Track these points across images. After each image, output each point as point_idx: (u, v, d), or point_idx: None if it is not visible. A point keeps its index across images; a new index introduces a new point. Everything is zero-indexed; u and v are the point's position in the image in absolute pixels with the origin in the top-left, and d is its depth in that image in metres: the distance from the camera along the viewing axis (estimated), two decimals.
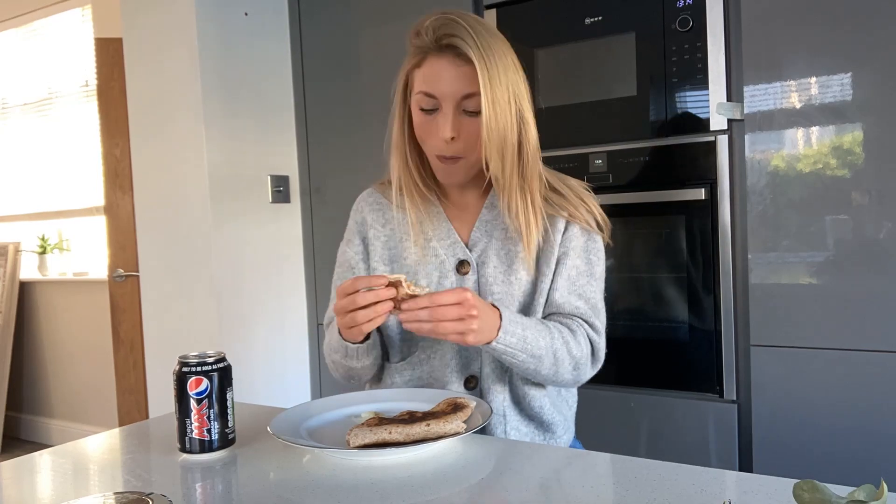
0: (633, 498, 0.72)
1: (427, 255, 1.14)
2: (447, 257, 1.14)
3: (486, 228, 1.15)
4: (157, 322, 2.33)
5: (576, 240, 1.14)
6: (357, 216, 1.22)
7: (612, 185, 1.80)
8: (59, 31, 3.70)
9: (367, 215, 1.21)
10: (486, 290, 1.12)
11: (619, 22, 1.78)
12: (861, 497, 0.52)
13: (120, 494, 0.73)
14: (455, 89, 1.03)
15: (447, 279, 1.13)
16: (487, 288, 1.12)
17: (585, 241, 1.15)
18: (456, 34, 1.01)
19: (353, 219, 1.23)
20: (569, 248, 1.13)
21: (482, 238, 1.15)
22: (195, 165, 2.18)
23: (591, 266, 1.15)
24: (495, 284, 1.12)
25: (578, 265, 1.13)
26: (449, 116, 1.04)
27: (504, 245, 1.14)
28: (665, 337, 1.76)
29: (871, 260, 1.48)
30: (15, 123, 3.97)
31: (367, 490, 0.77)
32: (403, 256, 1.16)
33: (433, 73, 1.04)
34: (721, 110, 1.65)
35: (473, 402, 0.98)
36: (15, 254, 3.78)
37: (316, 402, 1.05)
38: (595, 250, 1.16)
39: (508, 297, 1.12)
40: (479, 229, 1.15)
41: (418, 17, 1.07)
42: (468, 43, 1.00)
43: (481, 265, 1.13)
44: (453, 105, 1.04)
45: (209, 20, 2.17)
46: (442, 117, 1.05)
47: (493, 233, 1.14)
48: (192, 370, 0.92)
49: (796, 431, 1.56)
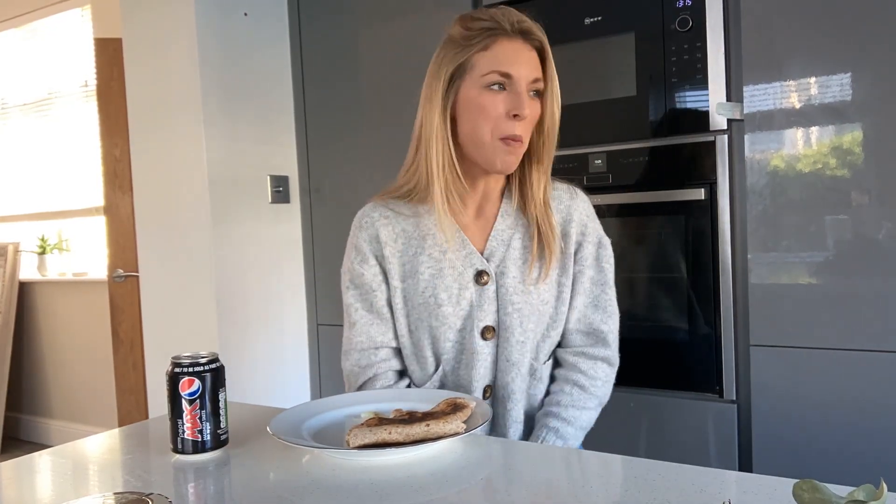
0: (633, 498, 0.72)
1: (444, 268, 1.12)
2: (465, 269, 1.12)
3: (503, 238, 1.14)
4: (157, 322, 2.33)
5: (589, 249, 1.17)
6: (367, 232, 1.16)
7: (612, 186, 1.80)
8: (59, 31, 3.70)
9: (379, 231, 1.15)
10: (506, 300, 1.12)
11: (619, 22, 1.78)
12: (860, 497, 0.52)
13: (120, 495, 0.73)
14: (530, 71, 1.07)
15: (467, 290, 1.12)
16: (508, 298, 1.12)
17: (597, 249, 1.18)
18: (527, 20, 1.09)
19: (361, 236, 1.16)
20: (584, 266, 1.17)
21: (499, 247, 1.13)
22: (195, 166, 2.18)
23: (603, 274, 1.18)
24: (515, 294, 1.12)
25: (593, 276, 1.18)
26: (524, 94, 1.06)
27: (522, 254, 1.13)
28: (665, 337, 1.76)
29: (871, 260, 1.48)
30: (15, 123, 3.97)
31: (367, 490, 0.77)
32: (419, 271, 1.12)
33: (510, 53, 1.07)
34: (721, 110, 1.65)
35: (473, 402, 0.98)
36: (14, 254, 3.78)
37: (316, 402, 1.05)
38: (606, 257, 1.19)
39: (528, 307, 1.12)
40: (495, 238, 1.14)
41: (418, 17, 1.08)
42: (537, 30, 1.09)
43: (500, 275, 1.12)
44: (526, 86, 1.07)
45: (209, 20, 2.17)
46: (516, 95, 1.06)
47: (510, 242, 1.13)
48: (184, 371, 0.92)
49: (796, 431, 1.56)
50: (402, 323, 1.15)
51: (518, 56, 1.07)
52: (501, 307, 1.12)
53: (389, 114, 2.18)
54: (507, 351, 1.12)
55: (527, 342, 1.13)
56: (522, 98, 1.06)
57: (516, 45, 1.07)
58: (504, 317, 1.12)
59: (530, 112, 1.07)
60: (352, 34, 2.26)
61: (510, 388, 1.12)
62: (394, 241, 1.14)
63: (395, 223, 1.15)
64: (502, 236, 1.14)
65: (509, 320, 1.11)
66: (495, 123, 1.07)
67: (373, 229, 1.15)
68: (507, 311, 1.11)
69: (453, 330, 1.12)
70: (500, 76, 1.06)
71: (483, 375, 1.13)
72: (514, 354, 1.12)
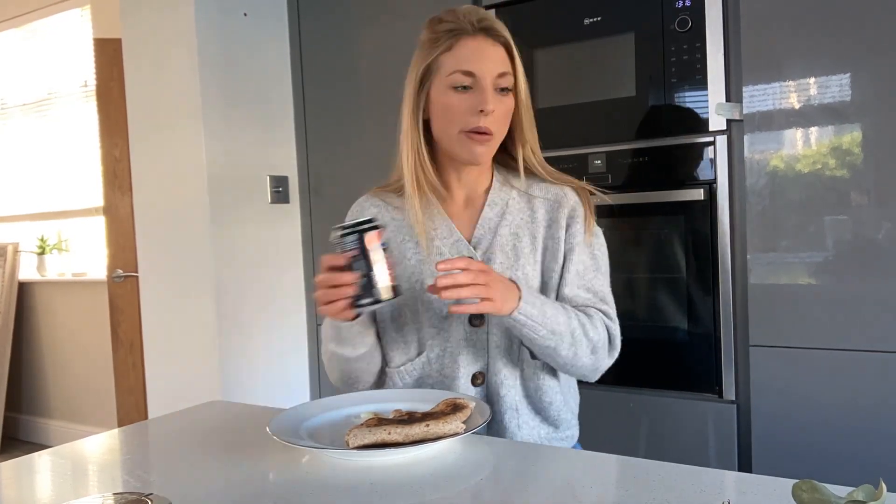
0: (633, 498, 0.72)
1: (431, 255, 1.14)
2: (452, 255, 1.14)
3: (490, 226, 1.16)
4: (157, 322, 2.33)
5: (579, 236, 1.17)
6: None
7: (612, 186, 1.80)
8: (59, 31, 3.70)
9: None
10: None
11: (619, 22, 1.79)
12: (860, 497, 0.52)
13: (119, 495, 0.73)
14: (493, 67, 1.09)
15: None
16: None
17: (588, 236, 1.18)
18: (489, 17, 1.11)
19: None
20: (574, 245, 1.16)
21: (486, 235, 1.16)
22: (194, 166, 2.18)
23: (596, 261, 1.18)
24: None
25: (584, 260, 1.16)
26: (488, 90, 1.09)
27: (509, 241, 1.15)
28: (664, 337, 1.76)
29: (870, 260, 1.48)
30: (14, 124, 3.97)
31: (367, 490, 0.78)
32: (407, 257, 1.16)
33: (472, 51, 1.09)
34: (720, 111, 1.65)
35: (472, 402, 0.98)
36: (14, 254, 3.78)
37: (315, 403, 1.05)
38: (598, 245, 1.19)
39: None
40: (482, 227, 1.16)
41: (418, 17, 1.09)
42: (499, 27, 1.11)
43: (487, 262, 1.14)
44: (491, 81, 1.09)
45: (208, 20, 2.17)
46: (480, 92, 1.09)
47: (497, 230, 1.16)
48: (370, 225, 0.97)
49: (795, 431, 1.56)
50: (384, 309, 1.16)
51: (481, 53, 1.09)
52: None
53: (389, 114, 2.17)
54: (496, 337, 1.13)
55: None
56: (486, 94, 1.08)
57: (479, 42, 1.10)
58: None
59: (496, 107, 1.09)
60: (351, 34, 2.27)
61: (502, 374, 1.13)
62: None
63: (386, 212, 1.21)
64: (489, 224, 1.16)
65: None
66: (461, 120, 1.10)
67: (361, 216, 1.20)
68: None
69: (439, 317, 1.14)
70: (464, 75, 1.09)
71: (470, 363, 1.13)
72: (503, 340, 1.13)
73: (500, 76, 1.10)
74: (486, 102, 1.08)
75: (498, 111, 1.10)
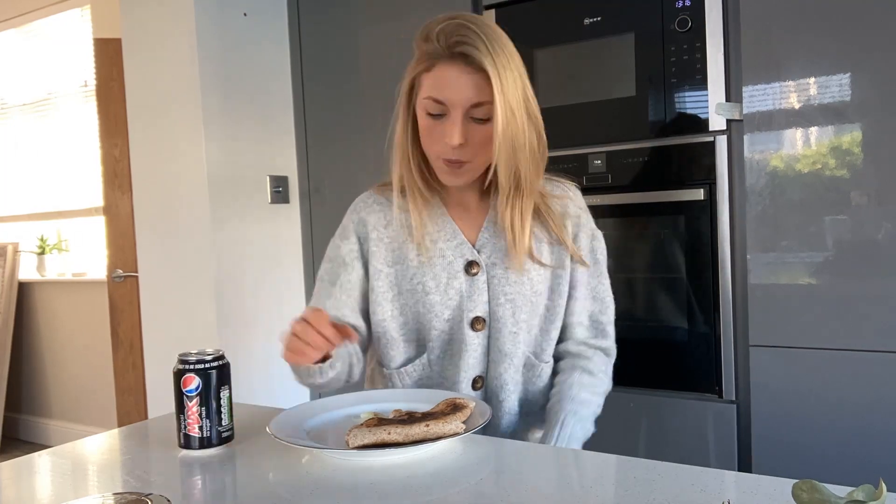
0: (633, 498, 0.72)
1: (434, 257, 1.13)
2: (455, 258, 1.13)
3: (495, 230, 1.15)
4: (156, 322, 2.33)
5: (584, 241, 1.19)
6: (355, 216, 1.20)
7: (612, 186, 1.80)
8: (59, 31, 3.69)
9: (368, 216, 1.18)
10: (497, 291, 1.12)
11: (619, 22, 1.79)
12: (860, 497, 0.52)
13: (119, 495, 0.73)
14: (466, 97, 1.02)
15: (456, 280, 1.13)
16: (500, 289, 1.12)
17: (591, 241, 1.20)
18: (468, 41, 1.00)
19: (349, 218, 1.21)
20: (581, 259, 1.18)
21: (491, 239, 1.14)
22: (194, 166, 2.18)
23: (598, 266, 1.21)
24: (507, 285, 1.12)
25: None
26: (457, 123, 1.03)
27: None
28: (664, 337, 1.76)
29: (870, 260, 1.48)
30: (14, 124, 3.97)
31: (367, 490, 0.77)
32: (409, 258, 1.14)
33: (443, 79, 1.02)
34: (720, 111, 1.65)
35: (473, 402, 0.98)
36: (14, 254, 3.78)
37: (315, 403, 1.05)
38: (600, 249, 1.22)
39: (521, 297, 1.13)
40: (487, 230, 1.15)
41: (418, 16, 1.07)
42: (481, 51, 0.99)
43: (491, 266, 1.13)
44: (462, 112, 1.03)
45: (208, 20, 2.17)
46: (450, 124, 1.03)
47: (502, 234, 1.14)
48: (187, 367, 0.93)
49: (795, 431, 1.56)
50: (385, 308, 1.15)
51: (455, 81, 1.02)
52: (493, 297, 1.12)
53: (389, 114, 2.17)
54: (499, 342, 1.13)
55: (519, 333, 1.13)
56: (455, 127, 1.02)
57: (453, 69, 1.02)
58: (496, 307, 1.12)
59: (472, 135, 1.04)
60: (351, 34, 2.27)
61: (502, 378, 1.13)
62: (384, 227, 1.17)
63: (388, 211, 1.18)
64: (494, 228, 1.15)
65: (501, 311, 1.12)
66: (436, 147, 1.07)
67: (364, 213, 1.19)
68: (499, 302, 1.12)
69: (440, 319, 1.13)
70: (435, 102, 1.04)
71: (472, 366, 1.13)
72: (506, 345, 1.13)
73: (473, 106, 1.02)
74: (453, 137, 1.02)
75: (474, 139, 1.04)
